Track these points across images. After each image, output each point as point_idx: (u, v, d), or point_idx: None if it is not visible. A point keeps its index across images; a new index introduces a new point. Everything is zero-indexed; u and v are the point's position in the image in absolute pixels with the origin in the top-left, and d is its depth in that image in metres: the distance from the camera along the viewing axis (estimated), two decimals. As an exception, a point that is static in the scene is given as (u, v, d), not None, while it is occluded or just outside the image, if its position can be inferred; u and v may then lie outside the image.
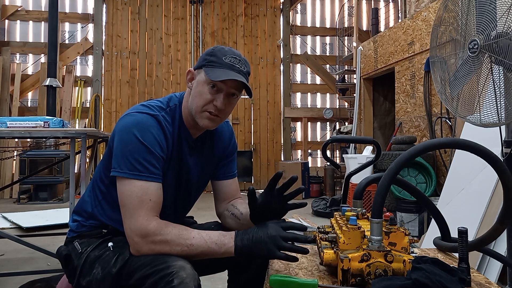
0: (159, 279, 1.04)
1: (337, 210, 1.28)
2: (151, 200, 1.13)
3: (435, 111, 4.52)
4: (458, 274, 0.89)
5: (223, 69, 1.18)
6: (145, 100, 7.18)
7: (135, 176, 1.13)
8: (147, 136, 1.15)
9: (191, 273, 1.05)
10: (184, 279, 1.02)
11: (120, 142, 1.16)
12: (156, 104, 1.25)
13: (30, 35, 7.68)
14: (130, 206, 1.12)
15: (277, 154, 8.21)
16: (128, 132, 1.15)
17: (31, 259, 3.13)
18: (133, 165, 1.13)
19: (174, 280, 1.02)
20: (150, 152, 1.15)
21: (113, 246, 1.21)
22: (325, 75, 8.52)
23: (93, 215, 1.29)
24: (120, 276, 1.14)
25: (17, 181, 4.94)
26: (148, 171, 1.14)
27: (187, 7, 7.99)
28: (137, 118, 1.18)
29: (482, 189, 2.63)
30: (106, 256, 1.19)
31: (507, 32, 1.54)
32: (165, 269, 1.05)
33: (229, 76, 1.17)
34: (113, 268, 1.15)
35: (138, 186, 1.13)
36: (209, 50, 1.24)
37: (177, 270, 1.04)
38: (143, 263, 1.10)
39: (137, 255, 1.13)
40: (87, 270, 1.20)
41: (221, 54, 1.20)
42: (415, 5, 5.42)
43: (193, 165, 1.33)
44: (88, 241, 1.25)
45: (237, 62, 1.21)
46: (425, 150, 1.01)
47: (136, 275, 1.10)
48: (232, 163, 1.47)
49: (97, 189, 1.29)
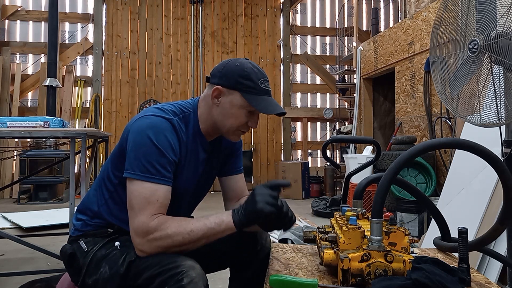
0: (169, 278, 1.05)
1: (337, 210, 1.28)
2: (158, 201, 1.14)
3: (435, 111, 4.52)
4: (458, 274, 0.90)
5: (262, 96, 1.23)
6: (145, 100, 7.14)
7: (146, 178, 1.13)
8: (161, 139, 1.16)
9: (200, 273, 1.07)
10: (194, 278, 1.04)
11: (134, 144, 1.17)
12: (170, 108, 1.26)
13: (30, 35, 7.68)
14: (137, 206, 1.13)
15: (277, 154, 8.21)
16: (143, 134, 1.16)
17: (31, 259, 3.13)
18: (146, 167, 1.14)
19: (184, 279, 1.03)
20: (163, 155, 1.16)
21: (120, 245, 1.21)
22: (325, 75, 8.52)
23: (99, 214, 1.29)
24: (127, 276, 1.15)
25: (17, 181, 4.94)
26: (159, 173, 1.15)
27: (187, 7, 7.99)
28: (152, 121, 1.19)
29: (482, 189, 2.63)
30: (113, 255, 1.19)
31: (507, 32, 1.54)
32: (174, 268, 1.06)
33: (276, 110, 1.24)
34: (121, 267, 1.15)
35: (147, 188, 1.13)
36: (241, 71, 1.24)
37: (186, 269, 1.05)
38: (152, 263, 1.11)
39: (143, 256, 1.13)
40: (93, 269, 1.20)
41: (256, 77, 1.23)
42: (415, 5, 5.42)
43: (206, 168, 1.36)
44: (94, 240, 1.25)
45: (268, 85, 1.26)
46: (425, 150, 1.01)
47: (145, 275, 1.11)
48: (239, 158, 1.49)
49: (104, 188, 1.29)
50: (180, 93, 7.85)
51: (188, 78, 7.92)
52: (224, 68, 1.26)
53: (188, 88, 7.90)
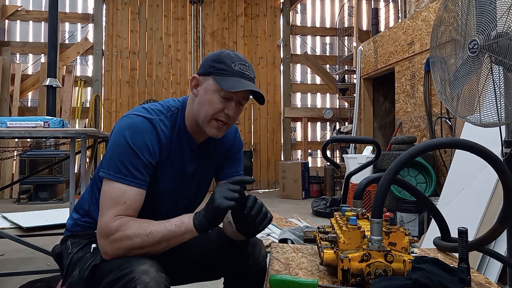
0: (123, 285, 1.01)
1: (337, 210, 1.28)
2: (125, 203, 1.10)
3: (435, 111, 4.52)
4: (458, 274, 0.89)
5: (234, 77, 1.16)
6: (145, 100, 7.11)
7: (118, 179, 1.11)
8: (137, 141, 1.14)
9: (155, 276, 1.01)
10: (147, 283, 0.99)
11: (111, 143, 1.15)
12: (156, 108, 1.23)
13: (30, 35, 7.67)
14: (104, 206, 1.11)
15: (277, 154, 8.21)
16: (120, 134, 1.14)
17: (31, 259, 3.13)
18: (118, 168, 1.11)
19: (137, 286, 0.98)
20: (137, 157, 1.13)
21: (94, 248, 1.19)
22: (325, 75, 8.52)
23: (89, 212, 1.28)
24: (93, 280, 1.12)
25: (17, 181, 4.94)
26: (131, 175, 1.12)
27: (187, 7, 7.99)
28: (132, 121, 1.16)
29: (482, 189, 2.63)
30: (85, 258, 1.18)
31: (507, 32, 1.54)
32: (128, 274, 1.02)
33: (244, 87, 1.15)
34: (85, 271, 1.14)
35: (117, 188, 1.11)
36: (215, 56, 1.20)
37: (139, 275, 1.00)
38: (113, 267, 1.07)
39: (109, 259, 1.10)
40: (70, 271, 1.19)
41: (230, 61, 1.17)
42: (415, 5, 5.42)
43: (195, 170, 1.31)
44: (79, 241, 1.25)
45: (246, 69, 1.19)
46: (425, 150, 1.01)
47: (105, 280, 1.08)
48: (238, 163, 1.42)
49: (95, 187, 1.28)
50: (180, 93, 7.85)
51: (188, 78, 7.91)
52: (204, 59, 1.24)
53: (188, 88, 7.89)
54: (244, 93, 1.19)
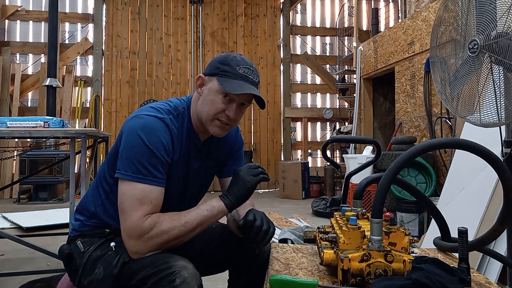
0: (161, 278, 1.05)
1: (337, 210, 1.28)
2: (152, 203, 1.13)
3: (435, 111, 4.52)
4: (458, 274, 0.89)
5: (238, 80, 1.19)
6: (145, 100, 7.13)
7: (138, 179, 1.13)
8: (153, 140, 1.15)
9: (193, 273, 1.06)
10: (186, 278, 1.03)
11: (126, 144, 1.16)
12: (164, 107, 1.25)
13: (30, 35, 7.68)
14: (128, 208, 1.12)
15: (277, 154, 8.21)
16: (135, 134, 1.15)
17: (31, 259, 3.13)
18: (137, 168, 1.13)
19: (176, 279, 1.03)
20: (155, 156, 1.15)
21: (115, 246, 1.21)
22: (325, 75, 8.52)
23: (96, 214, 1.29)
24: (120, 277, 1.14)
25: (17, 181, 4.93)
26: (152, 174, 1.14)
27: (187, 7, 7.99)
28: (145, 121, 1.18)
29: (482, 189, 2.63)
30: (108, 256, 1.19)
31: (507, 32, 1.53)
32: (167, 269, 1.05)
33: (245, 90, 1.19)
34: (115, 268, 1.15)
35: (140, 189, 1.12)
36: (222, 58, 1.24)
37: (179, 269, 1.05)
38: (145, 264, 1.10)
39: (138, 257, 1.13)
40: (88, 270, 1.20)
41: (235, 64, 1.21)
42: (415, 5, 5.42)
43: (200, 168, 1.34)
44: (91, 240, 1.25)
45: (251, 73, 1.22)
46: (425, 150, 1.01)
47: (138, 276, 1.10)
48: (240, 159, 1.47)
49: (101, 188, 1.29)
50: (180, 93, 7.84)
51: (188, 78, 7.92)
52: (211, 60, 1.28)
53: (188, 88, 7.90)
54: (246, 96, 1.22)
